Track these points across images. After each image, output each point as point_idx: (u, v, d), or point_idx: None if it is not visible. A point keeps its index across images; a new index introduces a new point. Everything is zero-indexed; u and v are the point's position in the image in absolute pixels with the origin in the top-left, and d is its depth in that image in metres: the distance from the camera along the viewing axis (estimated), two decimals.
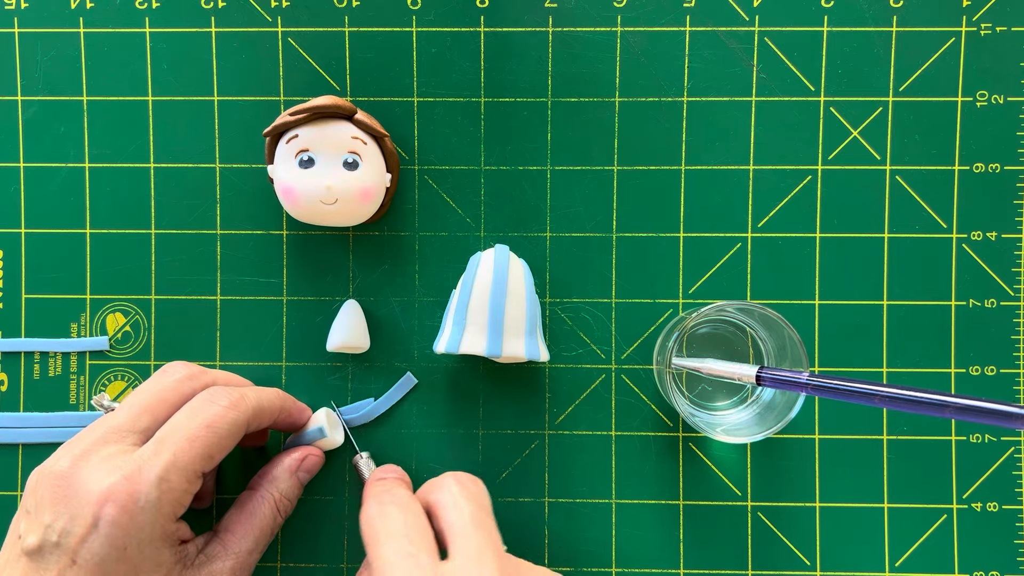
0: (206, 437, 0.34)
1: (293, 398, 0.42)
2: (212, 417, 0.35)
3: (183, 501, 0.34)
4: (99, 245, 0.47)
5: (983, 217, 0.46)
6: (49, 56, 0.47)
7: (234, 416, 0.35)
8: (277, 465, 0.40)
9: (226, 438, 0.35)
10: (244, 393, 0.37)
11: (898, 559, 0.46)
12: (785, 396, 0.43)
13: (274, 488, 0.39)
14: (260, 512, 0.38)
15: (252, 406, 0.37)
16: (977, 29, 0.46)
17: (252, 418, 0.37)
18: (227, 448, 0.35)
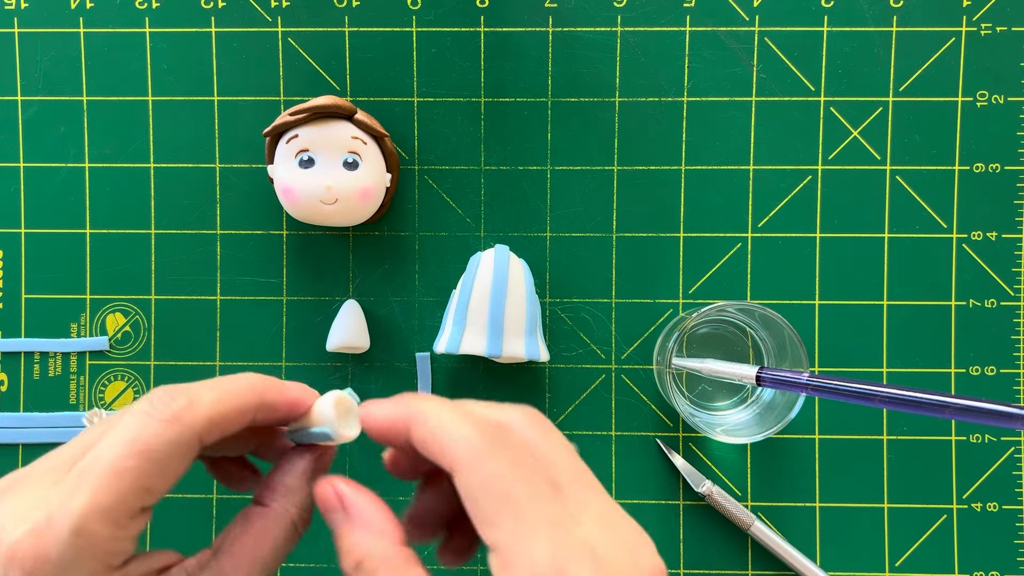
0: (137, 467, 0.25)
1: (281, 384, 0.30)
2: (145, 439, 0.25)
3: (117, 549, 0.26)
4: (99, 245, 0.47)
5: (983, 217, 0.46)
6: (49, 56, 0.47)
7: (176, 434, 0.26)
8: (289, 472, 0.30)
9: (167, 463, 0.26)
10: (194, 399, 0.27)
11: (898, 559, 0.46)
12: (785, 396, 0.43)
13: (291, 503, 0.30)
14: (275, 534, 0.29)
15: (204, 416, 0.26)
16: (977, 29, 0.46)
17: (207, 432, 0.27)
18: (174, 473, 0.26)
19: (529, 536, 0.24)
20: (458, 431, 0.26)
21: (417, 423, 0.27)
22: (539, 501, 0.25)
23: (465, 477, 0.25)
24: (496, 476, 0.25)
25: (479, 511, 0.25)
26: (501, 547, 0.24)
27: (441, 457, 0.26)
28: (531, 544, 0.24)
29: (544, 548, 0.24)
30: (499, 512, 0.24)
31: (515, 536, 0.24)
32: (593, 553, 0.24)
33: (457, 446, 0.25)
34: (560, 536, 0.24)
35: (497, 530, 0.24)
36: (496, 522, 0.24)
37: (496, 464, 0.25)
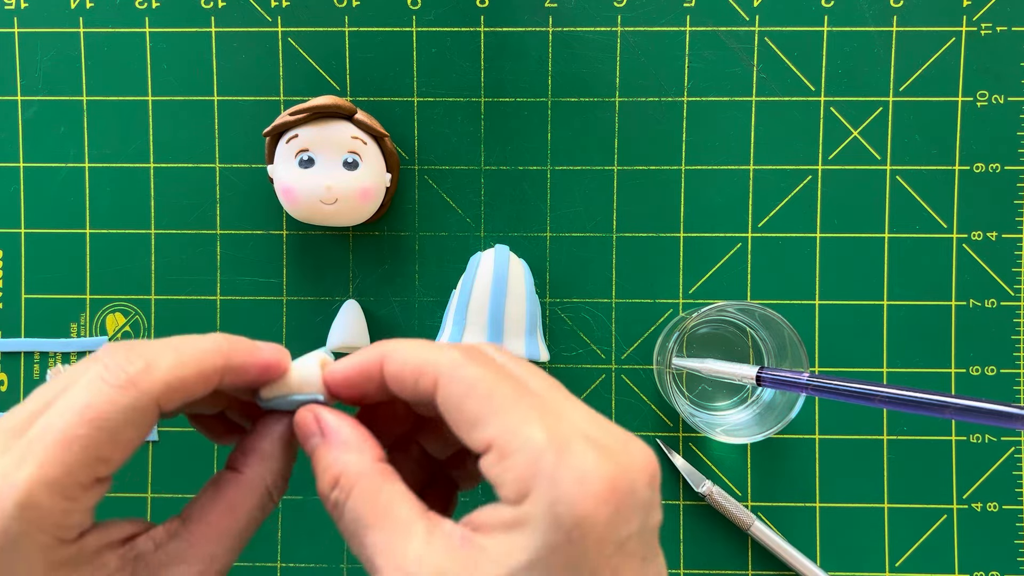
0: (88, 436, 0.24)
1: (251, 345, 0.28)
2: (98, 406, 0.24)
3: (69, 522, 0.24)
4: (99, 245, 0.47)
5: (983, 217, 0.46)
6: (49, 56, 0.47)
7: (131, 400, 0.24)
8: (266, 436, 0.28)
9: (122, 432, 0.24)
10: (151, 362, 0.25)
11: (898, 559, 0.46)
12: (785, 396, 0.43)
13: (266, 470, 0.28)
14: (248, 504, 0.27)
15: (162, 382, 0.25)
16: (977, 29, 0.46)
17: (165, 398, 0.25)
18: (130, 442, 0.25)
19: (522, 424, 0.23)
20: (433, 351, 0.26)
21: (391, 357, 0.26)
22: (524, 397, 0.24)
23: (446, 386, 0.24)
24: (479, 378, 0.24)
25: (464, 416, 0.24)
26: (496, 441, 0.23)
27: (419, 377, 0.25)
28: (526, 430, 0.23)
29: (539, 431, 0.23)
30: (487, 410, 0.24)
31: (508, 427, 0.23)
32: (587, 435, 0.23)
33: (436, 362, 0.25)
34: (552, 422, 0.23)
35: (487, 427, 0.23)
36: (486, 420, 0.24)
37: (477, 369, 0.24)
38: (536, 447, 0.22)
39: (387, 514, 0.24)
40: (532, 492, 0.22)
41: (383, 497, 0.25)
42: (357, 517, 0.25)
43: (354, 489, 0.25)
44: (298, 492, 0.47)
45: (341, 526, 0.25)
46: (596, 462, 0.22)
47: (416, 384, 0.25)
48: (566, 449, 0.22)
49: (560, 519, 0.22)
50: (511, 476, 0.23)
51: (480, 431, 0.24)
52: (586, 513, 0.22)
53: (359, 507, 0.25)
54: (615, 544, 0.22)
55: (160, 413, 0.26)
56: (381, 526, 0.24)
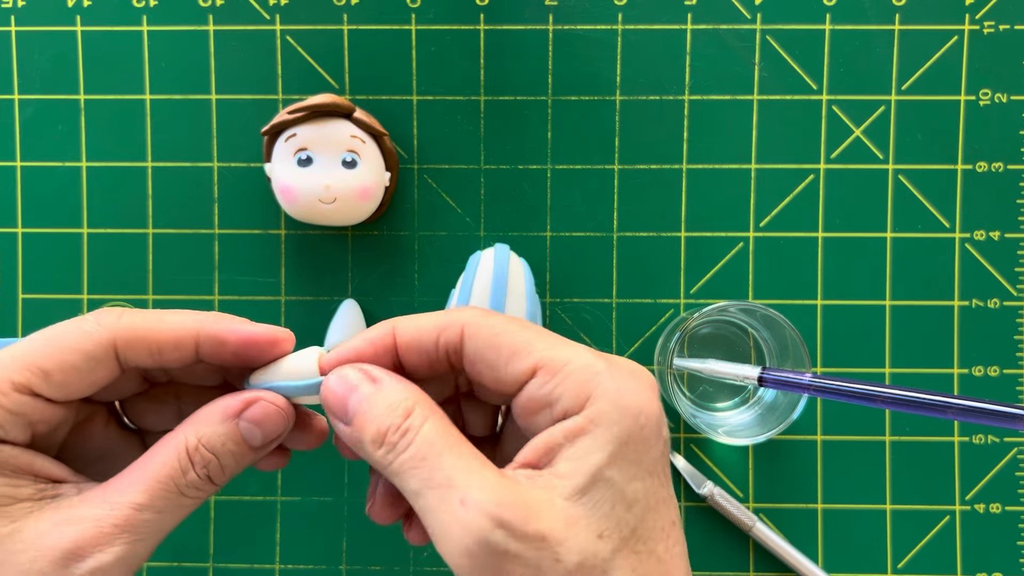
0: (38, 348, 0.26)
1: (234, 320, 0.28)
2: (60, 327, 0.26)
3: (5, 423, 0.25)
4: (96, 245, 0.47)
5: (986, 216, 0.46)
6: (46, 55, 0.47)
7: (90, 328, 0.26)
8: (216, 403, 0.28)
9: (69, 352, 0.25)
10: (127, 314, 0.27)
11: (901, 560, 0.46)
12: (787, 397, 0.42)
13: (191, 431, 0.27)
14: (159, 458, 0.26)
15: (125, 326, 0.26)
16: (980, 27, 0.46)
17: (125, 344, 0.26)
18: (75, 368, 0.26)
19: (565, 346, 0.25)
20: (450, 312, 0.27)
21: (403, 326, 0.27)
22: (551, 334, 0.26)
23: (475, 332, 0.25)
24: (506, 321, 0.26)
25: (503, 351, 0.25)
26: (543, 362, 0.24)
27: (441, 332, 0.26)
28: (571, 348, 0.25)
29: (582, 350, 0.25)
30: (523, 341, 0.25)
31: (552, 348, 0.25)
32: (618, 363, 0.25)
33: (457, 316, 0.26)
34: (587, 351, 0.25)
35: (530, 354, 0.25)
36: (526, 348, 0.25)
37: (500, 318, 0.26)
38: (585, 356, 0.24)
39: (462, 443, 0.25)
40: (595, 392, 0.24)
41: (454, 433, 0.25)
42: (433, 440, 0.24)
43: (431, 418, 0.25)
44: (296, 493, 0.47)
45: (408, 454, 0.24)
46: (641, 370, 0.25)
47: (438, 340, 0.26)
48: (610, 359, 0.25)
49: (628, 408, 0.24)
50: (569, 385, 0.24)
51: (522, 359, 0.25)
52: (647, 400, 0.24)
53: (434, 434, 0.24)
54: (664, 438, 0.25)
55: (120, 361, 0.26)
56: (458, 451, 0.24)
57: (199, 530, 0.46)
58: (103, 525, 0.25)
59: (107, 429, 0.30)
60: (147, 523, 0.25)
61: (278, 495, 0.47)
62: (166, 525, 0.26)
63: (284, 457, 0.31)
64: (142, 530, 0.25)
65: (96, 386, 0.27)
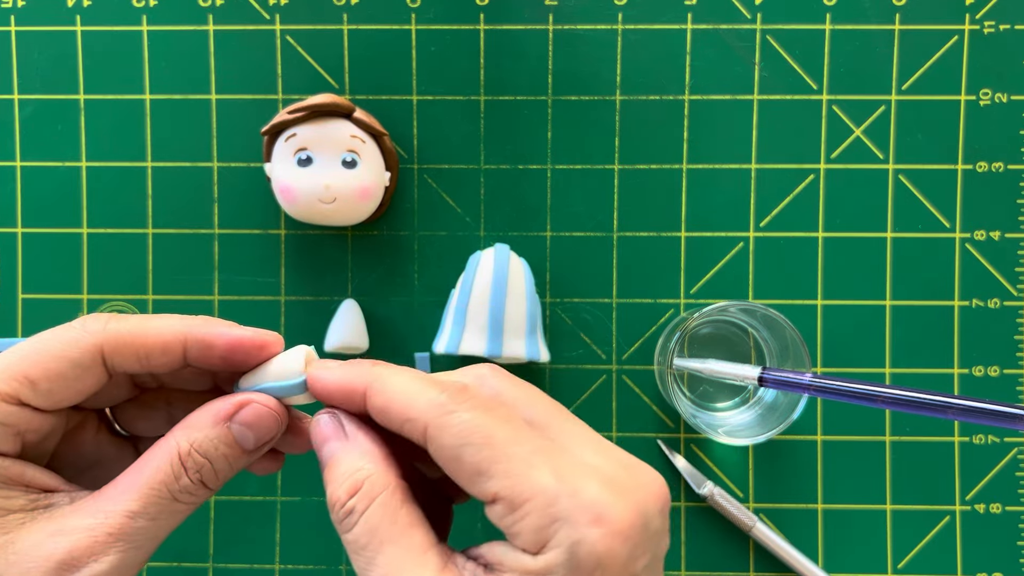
0: (24, 357, 0.25)
1: (220, 324, 0.28)
2: (46, 335, 0.26)
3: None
4: (96, 244, 0.47)
5: (986, 216, 0.46)
6: (46, 54, 0.47)
7: (76, 336, 0.26)
8: (205, 409, 0.27)
9: (55, 360, 0.25)
10: (115, 320, 0.27)
11: (901, 561, 0.46)
12: (787, 397, 0.42)
13: (183, 436, 0.26)
14: (152, 464, 0.26)
15: (112, 332, 0.26)
16: (980, 27, 0.46)
17: (112, 349, 0.26)
18: (61, 376, 0.26)
19: (529, 471, 0.22)
20: (420, 392, 0.24)
21: (375, 390, 0.25)
22: (525, 438, 0.23)
23: (438, 436, 0.23)
24: (473, 426, 0.23)
25: (464, 467, 0.23)
26: (504, 493, 0.22)
27: (405, 422, 0.24)
28: (534, 477, 0.22)
29: (548, 475, 0.22)
30: (487, 459, 0.23)
31: (514, 477, 0.22)
32: (596, 468, 0.23)
33: (422, 407, 0.24)
34: (559, 462, 0.23)
35: (492, 478, 0.23)
36: (488, 470, 0.23)
37: (469, 414, 0.23)
38: (548, 494, 0.22)
39: (405, 534, 0.24)
40: (551, 539, 0.22)
41: (402, 516, 0.24)
42: (373, 529, 0.24)
43: (376, 500, 0.24)
44: (296, 493, 0.47)
45: (351, 536, 0.24)
46: (611, 499, 0.22)
47: (402, 429, 0.25)
48: (579, 490, 0.22)
49: (581, 561, 0.22)
50: (526, 526, 0.22)
51: (484, 483, 0.23)
52: (607, 551, 0.22)
53: (378, 520, 0.24)
54: (636, 571, 0.22)
55: (109, 367, 0.26)
56: (397, 543, 0.23)
57: (199, 530, 0.46)
58: (97, 534, 0.24)
59: (98, 436, 0.30)
60: (141, 530, 0.25)
61: (278, 495, 0.47)
62: (161, 531, 0.26)
63: (277, 461, 0.31)
64: (136, 538, 0.25)
65: (84, 393, 0.27)
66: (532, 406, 0.25)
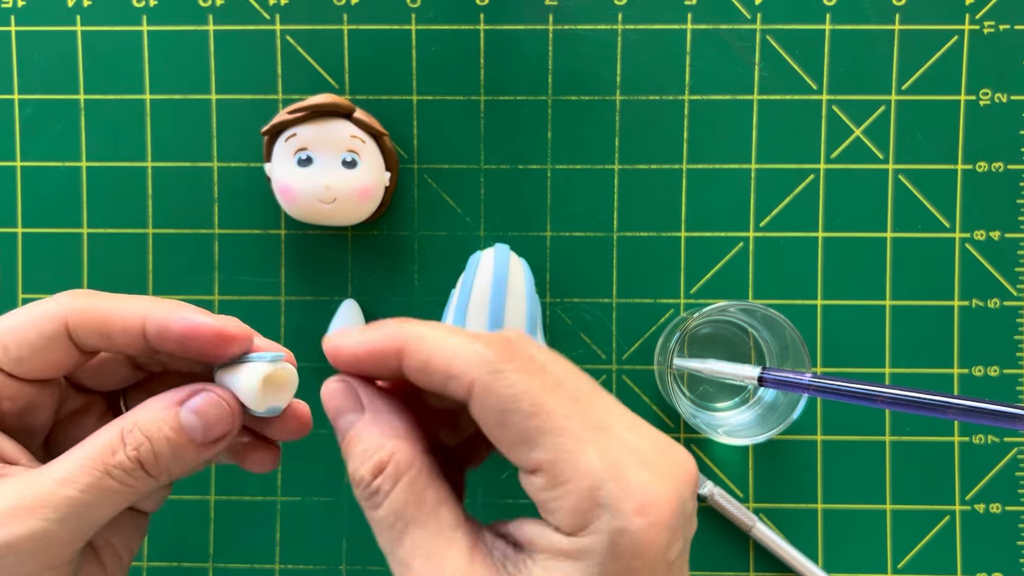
0: (2, 322, 0.26)
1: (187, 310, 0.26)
2: (28, 306, 0.26)
3: None
4: (96, 245, 0.47)
5: (986, 216, 0.46)
6: (46, 54, 0.47)
7: (47, 306, 0.26)
8: (165, 393, 0.27)
9: (25, 328, 0.26)
10: (85, 292, 0.27)
11: (900, 561, 0.46)
12: (787, 397, 0.42)
13: (132, 414, 0.26)
14: (95, 437, 0.25)
15: (79, 305, 0.26)
16: (980, 27, 0.46)
17: (73, 318, 0.26)
18: (30, 344, 0.26)
19: (575, 449, 0.21)
20: (465, 347, 0.23)
21: (413, 347, 0.24)
22: (573, 411, 0.22)
23: (484, 398, 0.22)
24: (523, 390, 0.22)
25: (507, 433, 0.22)
26: (548, 467, 0.22)
27: (449, 379, 0.23)
28: (582, 456, 0.21)
29: (594, 454, 0.21)
30: (535, 428, 0.22)
31: (561, 452, 0.21)
32: (636, 451, 0.22)
33: (469, 362, 0.22)
34: (604, 441, 0.22)
35: (537, 448, 0.22)
36: (535, 439, 0.22)
37: (517, 376, 0.22)
38: (595, 476, 0.21)
39: (432, 514, 0.23)
40: (592, 523, 0.21)
41: (430, 495, 0.23)
42: (400, 510, 0.23)
43: (403, 479, 0.23)
44: (296, 493, 0.47)
45: (377, 515, 0.23)
46: (654, 487, 0.22)
47: (445, 387, 0.23)
48: (625, 476, 0.21)
49: (622, 550, 0.21)
50: (566, 505, 0.21)
51: (528, 451, 0.22)
52: (648, 541, 0.21)
53: (404, 501, 0.23)
54: (666, 565, 0.22)
55: (75, 341, 0.26)
56: (425, 525, 0.23)
57: (199, 530, 0.46)
58: (23, 498, 0.24)
59: (102, 421, 0.29)
60: (69, 501, 0.24)
61: (278, 495, 0.47)
62: (91, 511, 0.24)
63: (272, 456, 0.30)
64: (63, 508, 0.24)
65: (55, 365, 0.26)
66: (569, 375, 0.24)
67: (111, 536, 0.28)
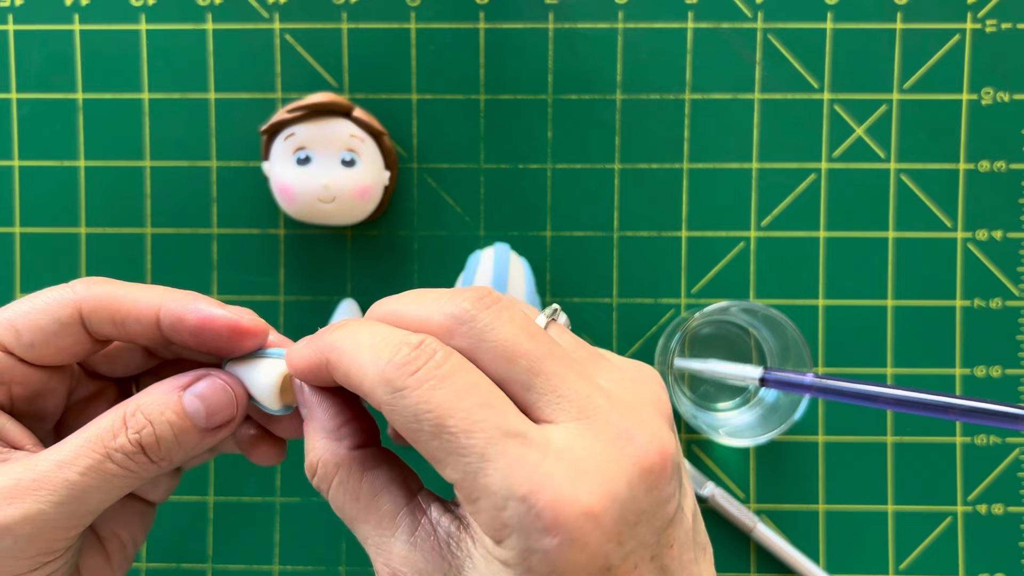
0: (16, 307, 0.26)
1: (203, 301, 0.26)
2: (44, 291, 0.26)
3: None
4: (94, 244, 0.47)
5: (988, 216, 0.46)
6: (44, 53, 0.46)
7: (62, 292, 0.26)
8: (168, 379, 0.27)
9: (40, 314, 0.25)
10: (100, 280, 0.27)
11: (903, 562, 0.46)
12: (789, 398, 0.42)
13: (134, 399, 0.26)
14: (99, 421, 0.25)
15: (93, 293, 0.26)
16: (982, 26, 0.46)
17: (87, 305, 0.26)
18: (42, 330, 0.25)
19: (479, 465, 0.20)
20: (370, 363, 0.22)
21: (332, 364, 0.23)
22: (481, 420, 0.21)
23: (391, 420, 0.22)
24: (424, 410, 0.21)
25: (420, 449, 0.22)
26: (457, 483, 0.21)
27: (368, 397, 0.22)
28: (483, 474, 0.20)
29: (498, 473, 0.20)
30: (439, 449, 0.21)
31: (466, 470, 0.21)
32: (568, 446, 0.21)
33: (371, 383, 0.22)
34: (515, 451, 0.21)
35: (446, 467, 0.21)
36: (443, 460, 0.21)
37: (417, 393, 0.21)
38: (497, 497, 0.20)
39: (370, 507, 0.23)
40: (504, 541, 0.20)
41: (364, 489, 0.24)
42: (340, 508, 0.24)
43: (333, 481, 0.24)
44: (295, 494, 0.46)
45: (333, 508, 0.25)
46: (577, 498, 0.20)
47: (368, 400, 0.23)
48: (532, 493, 0.20)
49: (534, 568, 0.20)
50: (481, 521, 0.21)
51: (441, 469, 0.21)
52: (560, 559, 0.20)
53: (341, 500, 0.24)
54: (605, 572, 0.20)
55: (89, 329, 0.26)
56: (365, 519, 0.23)
57: (198, 531, 0.46)
58: (22, 479, 0.23)
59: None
60: (67, 483, 0.24)
61: (277, 496, 0.46)
62: (90, 495, 0.24)
63: (278, 450, 0.29)
64: (61, 490, 0.23)
65: (68, 352, 0.26)
66: (517, 346, 0.22)
67: (116, 526, 0.28)
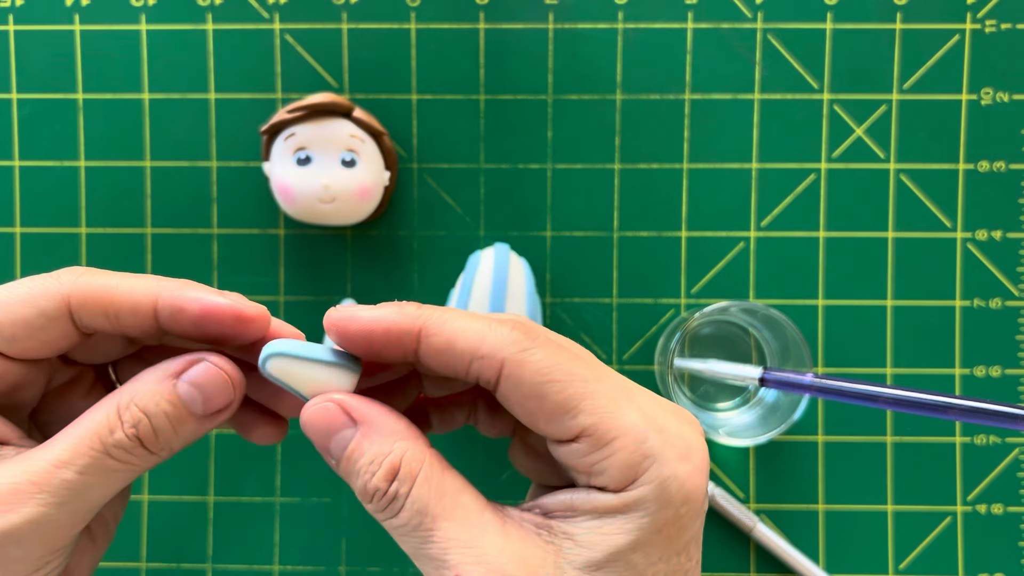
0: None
1: (202, 289, 0.25)
2: (26, 281, 0.25)
3: None
4: (95, 245, 0.47)
5: (988, 216, 0.46)
6: (44, 53, 0.46)
7: (47, 283, 0.24)
8: (159, 366, 0.25)
9: (23, 306, 0.24)
10: (89, 270, 0.25)
11: (902, 562, 0.46)
12: (788, 398, 0.42)
13: (128, 389, 0.24)
14: (91, 416, 0.24)
15: (83, 284, 0.24)
16: (982, 26, 0.46)
17: (76, 298, 0.24)
18: (26, 323, 0.24)
19: (616, 408, 0.22)
20: (489, 328, 0.23)
21: (433, 329, 0.23)
22: (603, 375, 0.23)
23: (516, 374, 0.22)
24: (554, 361, 0.22)
25: (546, 405, 0.22)
26: (590, 431, 0.22)
27: (475, 360, 0.23)
28: (621, 414, 0.22)
29: (634, 412, 0.22)
30: (575, 396, 0.22)
31: (602, 413, 0.22)
32: (662, 407, 0.23)
33: (496, 342, 0.23)
34: (637, 400, 0.23)
35: (580, 414, 0.22)
36: (576, 407, 0.22)
37: (545, 350, 0.23)
38: (639, 430, 0.22)
39: (456, 504, 0.23)
40: (641, 476, 0.22)
41: (448, 486, 0.23)
42: (423, 508, 0.22)
43: (419, 477, 0.23)
44: (295, 494, 0.46)
45: (397, 522, 0.23)
46: (689, 435, 0.23)
47: (469, 369, 0.23)
48: (665, 427, 0.22)
49: (671, 496, 0.22)
50: (615, 462, 0.22)
51: (570, 419, 0.22)
52: (695, 486, 0.22)
53: (426, 497, 0.22)
54: (703, 511, 0.23)
55: (77, 322, 0.25)
56: (452, 516, 0.22)
57: (198, 531, 0.46)
58: (19, 483, 0.22)
59: (91, 394, 0.28)
60: (68, 484, 0.23)
61: (277, 496, 0.46)
62: (92, 492, 0.23)
63: (279, 429, 0.28)
64: (62, 491, 0.23)
65: (52, 346, 0.25)
66: (583, 350, 0.24)
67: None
